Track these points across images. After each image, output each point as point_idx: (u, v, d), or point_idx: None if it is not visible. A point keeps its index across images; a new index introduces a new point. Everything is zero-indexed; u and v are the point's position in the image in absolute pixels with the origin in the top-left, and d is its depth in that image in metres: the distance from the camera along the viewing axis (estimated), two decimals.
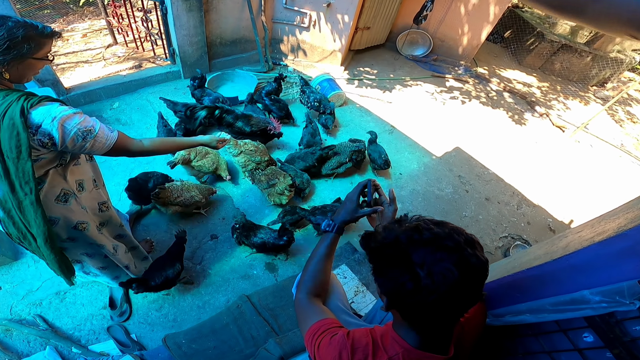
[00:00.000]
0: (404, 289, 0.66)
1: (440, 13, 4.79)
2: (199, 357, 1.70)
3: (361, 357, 0.77)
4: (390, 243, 0.70)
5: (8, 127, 0.97)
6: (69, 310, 1.87)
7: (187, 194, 2.21)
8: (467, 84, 4.85)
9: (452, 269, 0.63)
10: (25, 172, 1.02)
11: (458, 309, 0.68)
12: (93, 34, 3.99)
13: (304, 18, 3.93)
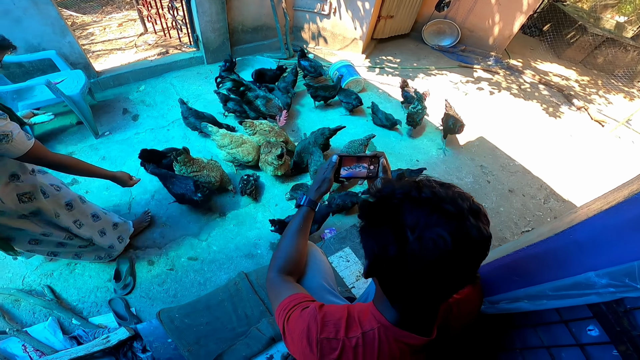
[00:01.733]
0: (386, 253, 0.57)
1: (469, 3, 4.59)
2: (189, 332, 1.70)
3: (332, 330, 0.69)
4: (384, 197, 0.61)
5: None
6: (77, 282, 1.93)
7: (206, 172, 2.25)
8: (497, 75, 4.60)
9: (445, 236, 0.52)
10: None
11: (445, 287, 0.59)
12: (128, 24, 4.22)
13: (324, 5, 3.90)
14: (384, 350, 0.67)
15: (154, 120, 2.99)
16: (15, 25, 2.35)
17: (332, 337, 0.69)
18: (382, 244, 0.58)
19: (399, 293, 0.63)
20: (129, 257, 2.03)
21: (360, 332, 0.69)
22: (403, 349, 0.67)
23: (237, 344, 1.66)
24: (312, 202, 1.02)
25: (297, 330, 0.73)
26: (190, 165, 2.21)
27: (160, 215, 2.30)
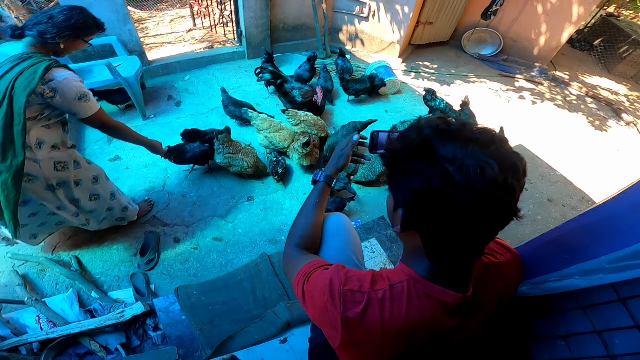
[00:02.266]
0: (430, 188, 0.51)
1: (513, 12, 4.47)
2: (204, 311, 1.70)
3: (356, 284, 0.65)
4: (410, 136, 0.57)
5: (29, 74, 1.21)
6: (104, 254, 1.99)
7: (242, 156, 2.33)
8: (541, 86, 4.41)
9: (491, 162, 0.49)
10: (20, 107, 1.21)
11: (496, 218, 0.53)
12: (178, 20, 4.52)
13: (364, 8, 3.96)
14: (413, 305, 0.62)
15: (194, 107, 3.14)
16: None
17: (356, 289, 0.64)
18: (423, 179, 0.52)
19: (440, 238, 0.57)
20: (157, 233, 2.12)
21: (387, 284, 0.64)
22: (435, 306, 0.62)
23: (250, 327, 1.64)
24: (328, 177, 1.01)
25: (318, 287, 0.68)
26: (228, 145, 2.29)
27: (191, 195, 2.39)
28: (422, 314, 0.61)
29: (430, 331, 0.63)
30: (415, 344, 0.63)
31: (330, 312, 0.64)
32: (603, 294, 0.71)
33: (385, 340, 0.62)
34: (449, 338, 0.67)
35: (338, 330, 0.63)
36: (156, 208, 2.27)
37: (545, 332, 0.88)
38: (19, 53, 1.27)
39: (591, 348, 0.75)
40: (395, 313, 0.61)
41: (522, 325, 0.98)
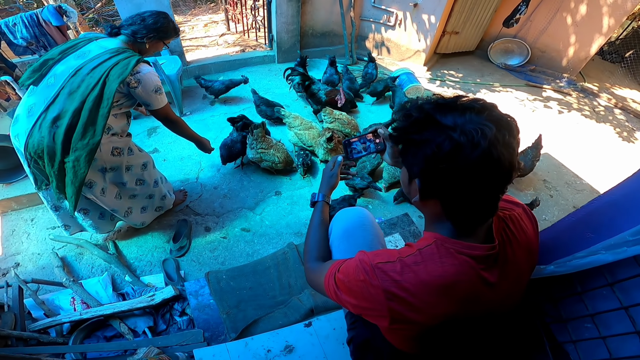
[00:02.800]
0: (441, 152, 0.58)
1: (542, 23, 4.47)
2: (232, 295, 1.77)
3: (384, 257, 0.69)
4: (416, 113, 0.64)
5: (123, 65, 1.41)
6: (139, 240, 2.11)
7: (273, 152, 2.44)
8: (569, 97, 4.36)
9: (487, 123, 0.57)
10: (111, 92, 1.38)
11: (501, 172, 0.59)
12: (211, 25, 4.79)
13: (390, 17, 4.07)
14: (446, 263, 0.64)
15: (227, 107, 3.31)
16: (135, 10, 2.81)
17: (386, 260, 0.68)
18: (434, 144, 0.59)
19: (457, 198, 0.62)
20: (189, 221, 2.24)
21: (416, 249, 0.68)
22: (467, 261, 0.65)
23: (275, 312, 1.70)
24: (325, 197, 1.13)
25: (350, 273, 0.72)
26: (262, 141, 2.41)
27: (222, 188, 2.52)
28: (458, 270, 0.65)
29: (470, 288, 0.66)
30: (460, 301, 0.66)
31: (370, 290, 0.67)
32: (628, 268, 0.75)
33: (430, 300, 0.65)
34: (490, 300, 0.69)
35: (383, 307, 0.66)
36: (189, 198, 2.40)
37: (572, 313, 0.91)
38: (115, 47, 1.48)
39: (618, 325, 0.79)
40: (431, 272, 0.64)
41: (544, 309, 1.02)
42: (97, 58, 1.42)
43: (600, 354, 0.84)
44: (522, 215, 0.80)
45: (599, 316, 0.85)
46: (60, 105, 1.37)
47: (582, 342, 0.90)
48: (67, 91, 1.37)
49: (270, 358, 1.42)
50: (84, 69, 1.39)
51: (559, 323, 0.99)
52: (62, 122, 1.36)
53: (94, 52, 1.45)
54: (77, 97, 1.36)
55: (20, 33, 2.14)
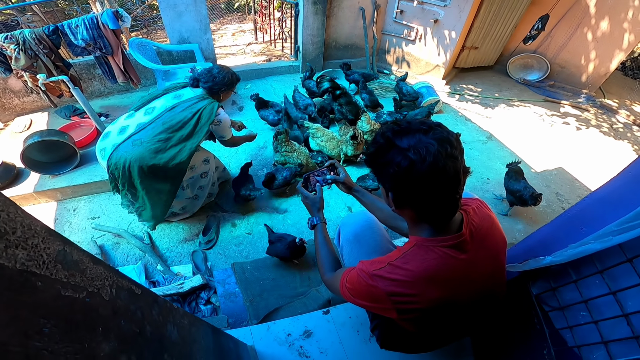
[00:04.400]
0: (402, 169, 0.74)
1: (562, 38, 4.54)
2: (255, 285, 1.93)
3: (377, 265, 0.86)
4: (377, 141, 0.82)
5: (209, 110, 1.90)
6: (171, 232, 2.31)
7: (296, 154, 2.62)
8: (587, 113, 4.39)
9: (430, 142, 0.73)
10: (203, 132, 1.88)
11: (449, 177, 0.74)
12: (239, 34, 5.09)
13: (411, 32, 4.23)
14: (428, 257, 0.81)
15: (255, 113, 3.50)
16: (177, 18, 3.09)
17: (380, 267, 0.85)
18: (394, 163, 0.75)
19: (423, 202, 0.78)
20: (218, 217, 2.43)
21: (401, 253, 0.86)
22: (444, 250, 0.81)
23: (295, 302, 1.84)
24: (320, 219, 1.29)
25: (355, 282, 0.89)
26: (286, 145, 2.60)
27: None
28: (438, 260, 0.81)
29: (450, 270, 0.82)
30: (446, 283, 0.82)
31: (374, 293, 0.84)
32: (615, 256, 0.87)
33: (422, 289, 0.81)
34: (468, 274, 0.85)
35: (388, 304, 0.83)
36: (218, 197, 2.59)
37: (568, 301, 1.03)
38: (201, 94, 1.95)
39: (608, 310, 0.90)
40: (415, 265, 0.81)
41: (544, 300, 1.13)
42: (189, 101, 1.90)
43: (593, 338, 0.94)
44: (480, 206, 0.97)
45: (592, 303, 0.96)
46: (151, 131, 1.78)
47: (577, 327, 1.01)
48: (161, 122, 1.81)
49: (290, 341, 1.56)
50: (177, 107, 1.86)
51: (557, 311, 1.09)
52: (147, 144, 1.76)
53: (187, 96, 1.93)
54: (169, 128, 1.81)
55: (81, 34, 2.39)
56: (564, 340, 1.06)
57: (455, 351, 1.53)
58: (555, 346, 1.08)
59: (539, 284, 1.19)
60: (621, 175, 0.87)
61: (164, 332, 0.52)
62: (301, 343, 1.55)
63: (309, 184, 1.37)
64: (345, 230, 1.30)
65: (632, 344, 0.83)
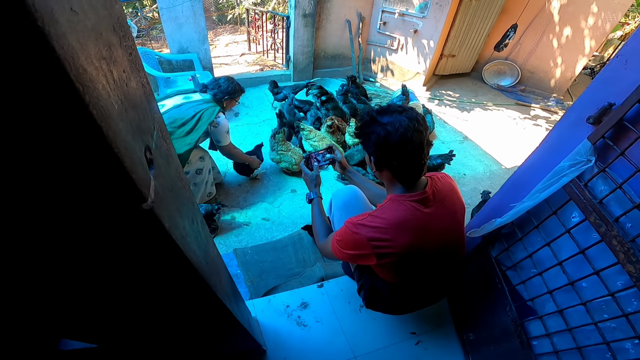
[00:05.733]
0: (381, 137, 0.99)
1: (529, 45, 4.94)
2: (255, 267, 2.12)
3: (360, 217, 1.08)
4: (364, 118, 1.08)
5: (210, 112, 2.11)
6: None
7: (290, 154, 2.85)
8: (556, 115, 4.77)
9: (403, 119, 0.98)
10: (201, 130, 2.07)
11: (416, 145, 0.99)
12: (232, 45, 5.35)
13: (394, 42, 4.56)
14: (399, 208, 1.05)
15: (249, 118, 3.77)
16: (177, 30, 3.33)
17: (361, 218, 1.08)
18: (376, 134, 1.01)
19: (396, 162, 1.02)
20: (219, 210, 2.65)
21: (379, 206, 1.10)
22: (412, 204, 1.05)
23: (291, 281, 2.04)
24: (317, 194, 1.51)
25: (343, 233, 1.10)
26: (282, 144, 2.84)
27: (245, 185, 2.92)
28: (407, 211, 1.05)
29: (417, 220, 1.04)
30: (414, 231, 1.04)
31: (357, 239, 1.05)
32: (544, 212, 1.11)
33: (394, 234, 1.02)
34: (430, 226, 1.07)
35: (369, 248, 1.03)
36: (218, 193, 2.80)
37: (518, 257, 1.26)
38: (207, 98, 2.19)
39: (549, 262, 1.11)
40: (389, 214, 1.04)
41: (501, 261, 1.37)
42: (194, 102, 2.14)
43: (541, 289, 1.14)
44: (444, 176, 1.23)
45: (536, 258, 1.17)
46: None
47: (528, 282, 1.21)
48: (167, 117, 2.02)
49: (289, 312, 1.76)
50: (184, 106, 2.09)
51: (511, 269, 1.33)
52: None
53: (195, 99, 2.17)
54: (173, 123, 2.02)
55: None
56: (521, 296, 1.26)
57: (436, 316, 1.75)
58: (514, 302, 1.28)
59: (497, 246, 1.43)
60: (541, 146, 1.13)
61: (207, 243, 0.74)
62: (299, 313, 1.74)
63: (310, 163, 1.61)
64: (336, 200, 1.54)
65: (570, 291, 1.02)
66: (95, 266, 0.39)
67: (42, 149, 0.26)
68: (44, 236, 0.32)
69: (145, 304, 0.55)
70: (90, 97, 0.26)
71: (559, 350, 1.03)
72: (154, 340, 0.74)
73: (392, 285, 1.25)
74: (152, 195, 0.36)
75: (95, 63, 0.28)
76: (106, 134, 0.28)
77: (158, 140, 0.48)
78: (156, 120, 0.49)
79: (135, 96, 0.41)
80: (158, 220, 0.37)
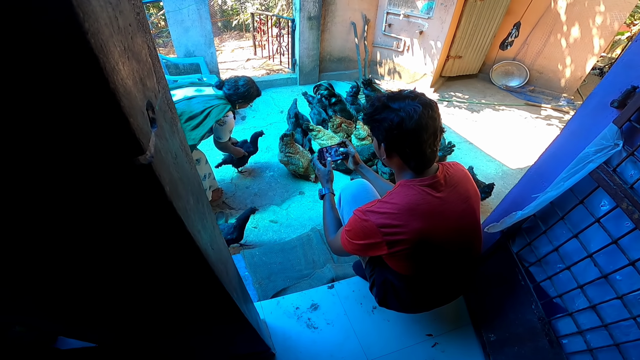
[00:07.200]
0: (393, 124, 0.94)
1: (537, 45, 4.88)
2: (264, 268, 2.07)
3: (369, 205, 1.04)
4: (377, 102, 1.02)
5: (220, 109, 2.05)
6: None
7: (298, 157, 2.81)
8: (568, 115, 4.69)
9: (416, 105, 0.93)
10: (207, 126, 2.02)
11: (430, 132, 0.95)
12: (237, 50, 5.39)
13: (399, 43, 4.54)
14: (409, 193, 1.00)
15: (256, 122, 3.76)
16: (184, 34, 3.35)
17: (370, 205, 1.03)
18: (389, 120, 0.96)
19: (407, 148, 0.97)
20: (225, 214, 2.60)
21: (388, 193, 1.05)
22: (424, 189, 1.00)
23: (300, 283, 1.97)
24: (329, 189, 1.47)
25: (352, 222, 1.06)
26: (290, 146, 2.80)
27: (253, 187, 2.88)
28: (418, 195, 0.99)
29: (428, 204, 0.99)
30: (425, 215, 0.99)
31: (367, 227, 1.00)
32: (570, 202, 1.04)
33: (405, 219, 0.96)
34: (443, 211, 1.02)
35: (379, 236, 0.98)
36: (225, 195, 2.77)
37: (543, 252, 1.18)
38: (220, 94, 2.15)
39: (577, 255, 1.04)
40: (399, 199, 1.00)
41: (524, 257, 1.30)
42: (206, 96, 2.09)
43: (571, 285, 1.07)
44: (456, 163, 1.17)
45: (563, 252, 1.10)
46: None
47: (555, 277, 1.14)
48: (176, 108, 1.94)
49: (299, 314, 1.70)
50: (194, 99, 2.03)
51: (535, 265, 1.26)
52: None
53: (207, 92, 2.12)
54: (181, 115, 1.96)
55: None
56: (547, 293, 1.19)
57: (453, 316, 1.68)
58: (540, 299, 1.21)
59: (518, 241, 1.36)
60: (563, 132, 1.07)
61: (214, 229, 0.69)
62: (309, 315, 1.68)
63: (323, 157, 1.57)
64: (345, 194, 1.49)
65: (603, 285, 0.95)
66: (85, 231, 0.35)
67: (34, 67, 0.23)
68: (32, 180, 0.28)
69: (142, 283, 0.50)
70: (90, 25, 0.24)
71: (594, 348, 0.95)
72: (154, 332, 0.69)
73: (406, 278, 1.19)
74: (151, 149, 0.32)
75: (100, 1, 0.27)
76: (103, 67, 0.26)
77: (162, 104, 0.44)
78: (162, 85, 0.46)
79: (140, 52, 0.38)
80: (157, 180, 0.33)
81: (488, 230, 1.37)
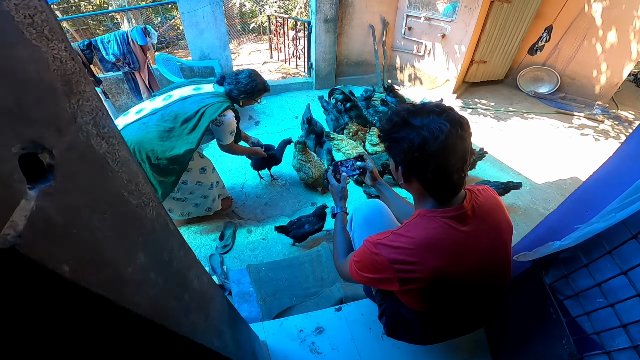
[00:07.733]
0: (415, 145, 0.79)
1: (569, 50, 4.59)
2: (269, 285, 1.96)
3: (381, 235, 0.90)
4: (396, 118, 0.86)
5: (215, 108, 1.83)
6: (189, 237, 2.37)
7: (310, 165, 2.69)
8: (603, 124, 4.36)
9: (443, 122, 0.77)
10: (202, 128, 1.81)
11: (458, 156, 0.80)
12: (254, 53, 5.37)
13: (420, 47, 4.36)
14: (429, 226, 0.85)
15: (270, 127, 3.69)
16: (198, 36, 3.32)
17: (383, 237, 0.89)
18: (409, 141, 0.80)
19: (429, 174, 0.81)
20: (234, 223, 2.51)
21: (405, 223, 0.90)
22: (447, 222, 0.85)
23: (307, 302, 1.86)
24: (342, 208, 1.36)
25: (362, 253, 0.93)
26: (303, 154, 2.69)
27: (264, 197, 2.79)
28: (439, 229, 0.85)
29: (450, 240, 0.84)
30: (446, 253, 0.84)
31: (378, 261, 0.87)
32: (621, 235, 0.87)
33: (422, 256, 0.83)
34: (468, 248, 0.87)
35: (390, 272, 0.85)
36: (235, 204, 2.68)
37: (582, 286, 1.02)
38: (219, 92, 1.94)
39: (623, 292, 0.89)
40: (417, 233, 0.85)
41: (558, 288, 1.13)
42: (202, 95, 1.89)
43: (612, 323, 0.92)
44: (486, 189, 1.00)
45: (607, 287, 0.94)
46: (159, 117, 1.79)
47: (594, 313, 0.98)
48: (170, 110, 1.81)
49: (302, 337, 1.57)
50: (189, 99, 1.85)
51: (572, 299, 1.09)
52: (150, 129, 1.78)
53: (205, 90, 1.93)
54: (175, 118, 1.81)
55: (112, 49, 2.59)
56: (582, 328, 1.04)
57: (471, 346, 1.51)
58: (573, 335, 1.06)
59: (552, 272, 1.19)
60: (616, 155, 0.90)
61: (187, 274, 0.57)
62: (313, 339, 1.56)
63: (338, 172, 1.44)
64: (357, 216, 1.35)
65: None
66: None
67: None
68: None
69: None
70: None
71: None
72: None
73: (419, 314, 1.04)
74: (18, 226, 0.20)
75: None
76: None
77: (81, 137, 0.32)
78: (84, 111, 0.34)
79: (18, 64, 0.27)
80: (35, 263, 0.22)
81: (518, 258, 1.20)
